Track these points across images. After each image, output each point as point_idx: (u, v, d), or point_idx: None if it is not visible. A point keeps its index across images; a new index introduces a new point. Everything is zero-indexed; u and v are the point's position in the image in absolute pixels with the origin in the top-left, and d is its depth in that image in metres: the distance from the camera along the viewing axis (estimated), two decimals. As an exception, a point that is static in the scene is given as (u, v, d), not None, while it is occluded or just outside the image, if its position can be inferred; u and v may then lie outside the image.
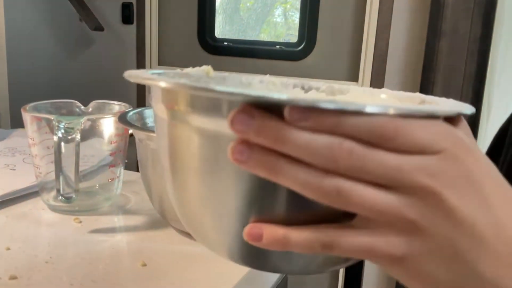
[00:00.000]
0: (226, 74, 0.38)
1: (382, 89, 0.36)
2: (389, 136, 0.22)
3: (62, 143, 0.55)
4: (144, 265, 0.49)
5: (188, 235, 0.56)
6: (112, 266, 0.49)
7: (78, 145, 0.55)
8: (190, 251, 0.53)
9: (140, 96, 2.06)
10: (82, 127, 0.56)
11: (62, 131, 0.55)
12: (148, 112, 0.64)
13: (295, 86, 0.39)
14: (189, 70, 0.35)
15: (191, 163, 0.27)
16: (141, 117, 0.62)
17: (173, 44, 1.97)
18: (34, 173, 0.63)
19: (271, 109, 0.22)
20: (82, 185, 0.63)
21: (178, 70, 0.35)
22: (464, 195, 0.22)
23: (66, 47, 1.82)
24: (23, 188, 0.66)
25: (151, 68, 2.00)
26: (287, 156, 0.22)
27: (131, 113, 0.59)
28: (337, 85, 0.38)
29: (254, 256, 0.28)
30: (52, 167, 0.58)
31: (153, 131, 0.50)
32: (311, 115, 0.21)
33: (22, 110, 0.60)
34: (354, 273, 1.72)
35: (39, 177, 0.62)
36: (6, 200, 0.63)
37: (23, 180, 0.68)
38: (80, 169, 0.61)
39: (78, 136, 0.55)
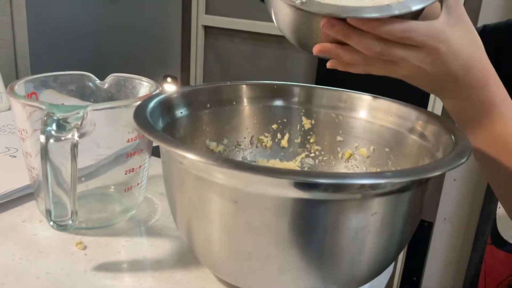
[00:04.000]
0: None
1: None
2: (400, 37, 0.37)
3: (52, 142, 0.37)
4: None
5: (225, 283, 0.39)
6: None
7: (75, 147, 0.38)
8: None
9: (185, 47, 1.87)
10: (81, 123, 0.38)
11: (54, 127, 0.38)
12: (180, 97, 0.45)
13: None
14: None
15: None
16: (169, 107, 0.43)
17: (223, -10, 1.75)
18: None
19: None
20: (92, 184, 0.47)
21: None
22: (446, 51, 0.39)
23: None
24: (19, 187, 0.50)
25: (197, 17, 1.80)
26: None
27: (153, 101, 0.41)
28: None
29: None
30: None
31: (184, 148, 0.31)
32: (362, 23, 0.37)
33: (7, 92, 0.43)
34: (414, 267, 1.54)
35: (33, 180, 0.46)
36: (-5, 205, 0.48)
37: (23, 174, 0.52)
38: (89, 163, 0.45)
39: (76, 136, 0.38)
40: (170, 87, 1.79)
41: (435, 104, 1.37)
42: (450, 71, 0.40)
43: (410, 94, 0.58)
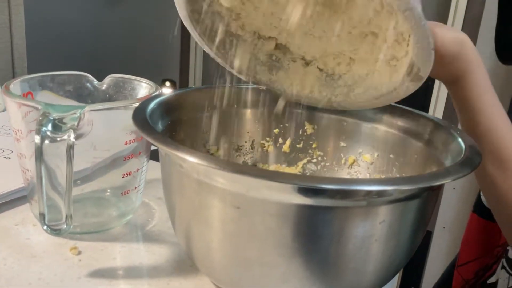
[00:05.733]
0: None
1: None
2: None
3: (47, 142, 0.36)
4: None
5: (229, 292, 0.38)
6: None
7: (71, 149, 0.37)
8: (231, 329, 0.34)
9: (184, 51, 1.86)
10: (78, 123, 0.37)
11: (49, 127, 0.36)
12: (181, 99, 0.44)
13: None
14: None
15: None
16: (168, 109, 0.42)
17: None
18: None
19: None
20: (87, 188, 0.45)
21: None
22: None
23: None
24: (13, 190, 0.49)
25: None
26: None
27: (153, 103, 0.40)
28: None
29: None
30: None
31: (184, 151, 0.30)
32: None
33: (2, 91, 0.42)
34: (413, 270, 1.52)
35: (27, 182, 0.45)
36: (-13, 207, 0.47)
37: (17, 176, 0.51)
38: (85, 166, 0.44)
39: (72, 137, 0.37)
40: (168, 91, 1.77)
41: (436, 109, 1.36)
42: None
43: (410, 98, 0.57)
